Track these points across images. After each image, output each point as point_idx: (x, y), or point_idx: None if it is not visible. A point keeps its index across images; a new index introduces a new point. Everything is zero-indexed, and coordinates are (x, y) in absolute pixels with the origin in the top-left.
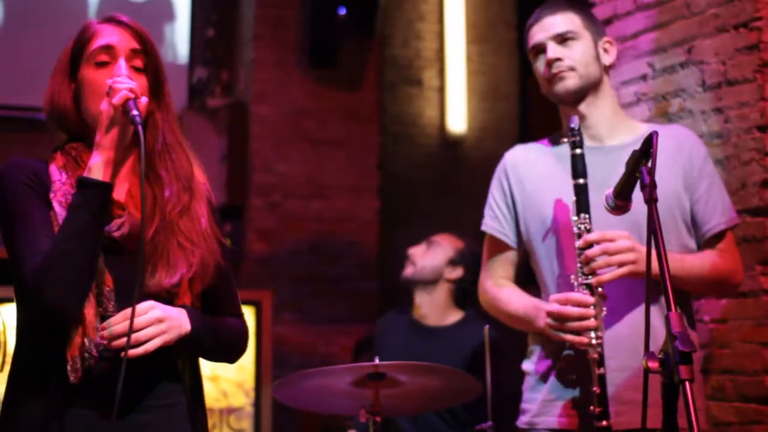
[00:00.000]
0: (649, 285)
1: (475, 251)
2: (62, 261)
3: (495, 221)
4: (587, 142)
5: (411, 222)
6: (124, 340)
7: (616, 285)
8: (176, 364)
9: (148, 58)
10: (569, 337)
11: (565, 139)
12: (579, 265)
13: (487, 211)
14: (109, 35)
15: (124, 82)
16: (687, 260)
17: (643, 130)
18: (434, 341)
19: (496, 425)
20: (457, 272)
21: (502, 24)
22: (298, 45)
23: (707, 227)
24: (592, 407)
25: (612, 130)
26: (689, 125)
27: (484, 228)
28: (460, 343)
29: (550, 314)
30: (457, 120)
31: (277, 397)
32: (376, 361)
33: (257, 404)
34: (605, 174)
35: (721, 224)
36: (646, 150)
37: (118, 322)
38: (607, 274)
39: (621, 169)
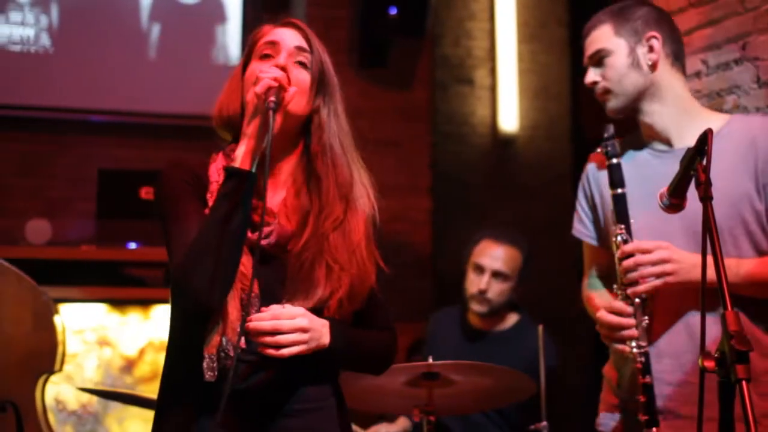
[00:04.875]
0: (705, 290)
1: (529, 255)
2: (203, 251)
3: (581, 224)
4: (658, 146)
5: (463, 221)
6: (266, 338)
7: (671, 297)
8: (334, 366)
9: (314, 57)
10: (614, 345)
11: (603, 148)
12: (619, 275)
13: (574, 216)
14: (275, 33)
15: (270, 71)
16: (744, 266)
17: (718, 126)
18: (493, 346)
19: (550, 425)
20: (520, 289)
21: (554, 22)
22: (350, 45)
23: None
24: (639, 415)
25: (681, 131)
26: None
27: (573, 233)
28: (521, 346)
29: (597, 320)
30: (509, 119)
31: None
32: (430, 360)
33: None
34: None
35: None
36: (701, 147)
37: (265, 319)
38: (642, 286)
39: None
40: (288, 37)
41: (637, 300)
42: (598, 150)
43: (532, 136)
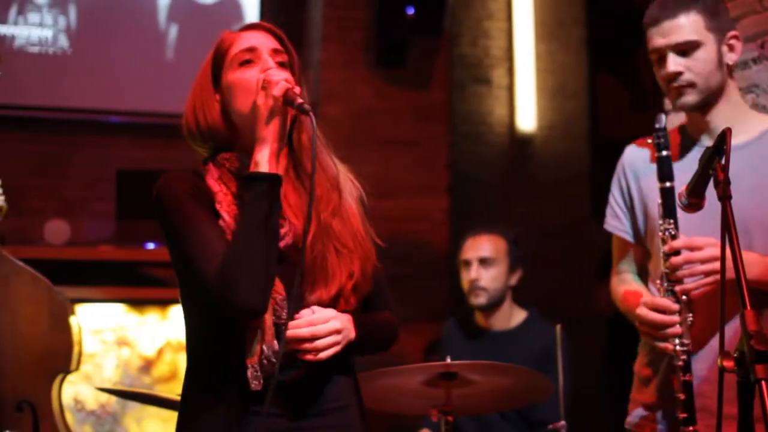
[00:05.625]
0: (724, 285)
1: (515, 239)
2: (246, 257)
3: (615, 219)
4: (708, 143)
5: (481, 221)
6: (305, 344)
7: (710, 295)
8: (352, 362)
9: (291, 57)
10: (656, 342)
11: (649, 140)
12: (665, 271)
13: (608, 210)
14: (249, 39)
15: (278, 74)
16: None
17: (766, 126)
18: (502, 345)
19: (569, 424)
20: (517, 275)
21: (571, 22)
22: (367, 45)
23: None
24: (678, 413)
25: (736, 129)
26: None
27: (605, 227)
28: (528, 344)
29: (637, 317)
30: (527, 118)
31: None
32: (448, 360)
33: None
34: None
35: None
36: (719, 146)
37: (302, 326)
38: (693, 284)
39: (734, 170)
40: (264, 41)
41: (684, 297)
42: (649, 141)
43: (550, 135)
